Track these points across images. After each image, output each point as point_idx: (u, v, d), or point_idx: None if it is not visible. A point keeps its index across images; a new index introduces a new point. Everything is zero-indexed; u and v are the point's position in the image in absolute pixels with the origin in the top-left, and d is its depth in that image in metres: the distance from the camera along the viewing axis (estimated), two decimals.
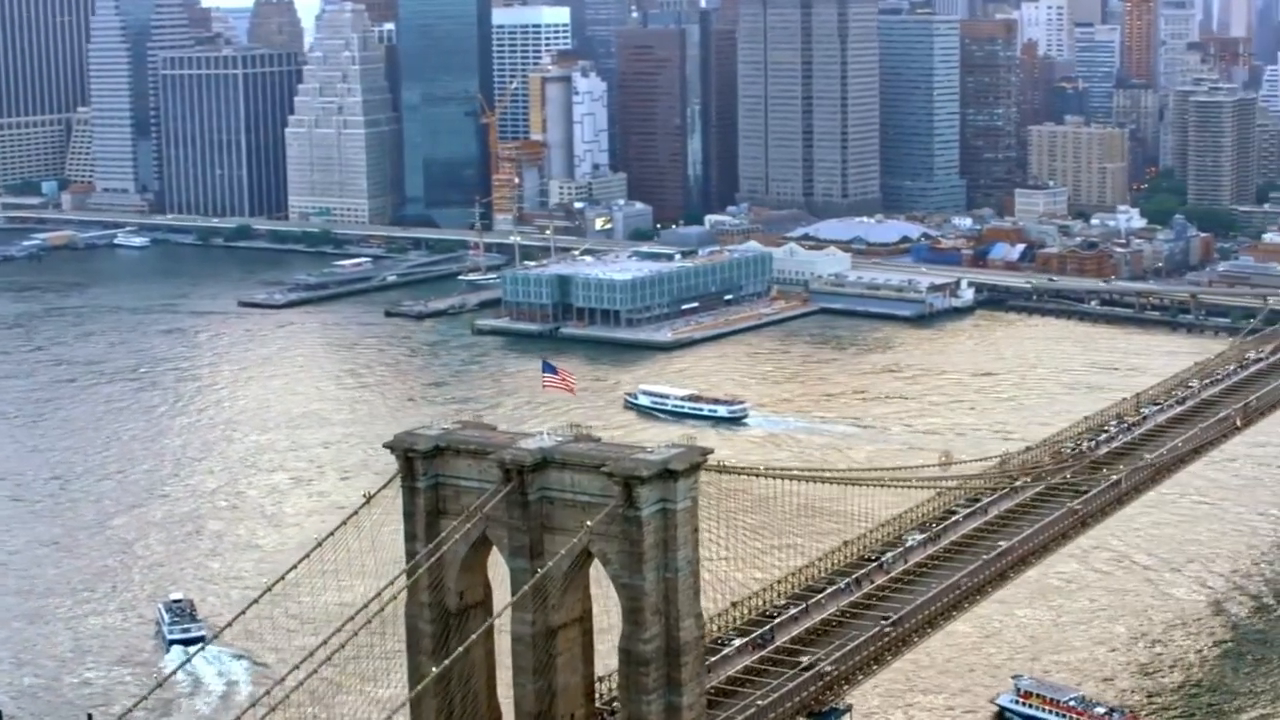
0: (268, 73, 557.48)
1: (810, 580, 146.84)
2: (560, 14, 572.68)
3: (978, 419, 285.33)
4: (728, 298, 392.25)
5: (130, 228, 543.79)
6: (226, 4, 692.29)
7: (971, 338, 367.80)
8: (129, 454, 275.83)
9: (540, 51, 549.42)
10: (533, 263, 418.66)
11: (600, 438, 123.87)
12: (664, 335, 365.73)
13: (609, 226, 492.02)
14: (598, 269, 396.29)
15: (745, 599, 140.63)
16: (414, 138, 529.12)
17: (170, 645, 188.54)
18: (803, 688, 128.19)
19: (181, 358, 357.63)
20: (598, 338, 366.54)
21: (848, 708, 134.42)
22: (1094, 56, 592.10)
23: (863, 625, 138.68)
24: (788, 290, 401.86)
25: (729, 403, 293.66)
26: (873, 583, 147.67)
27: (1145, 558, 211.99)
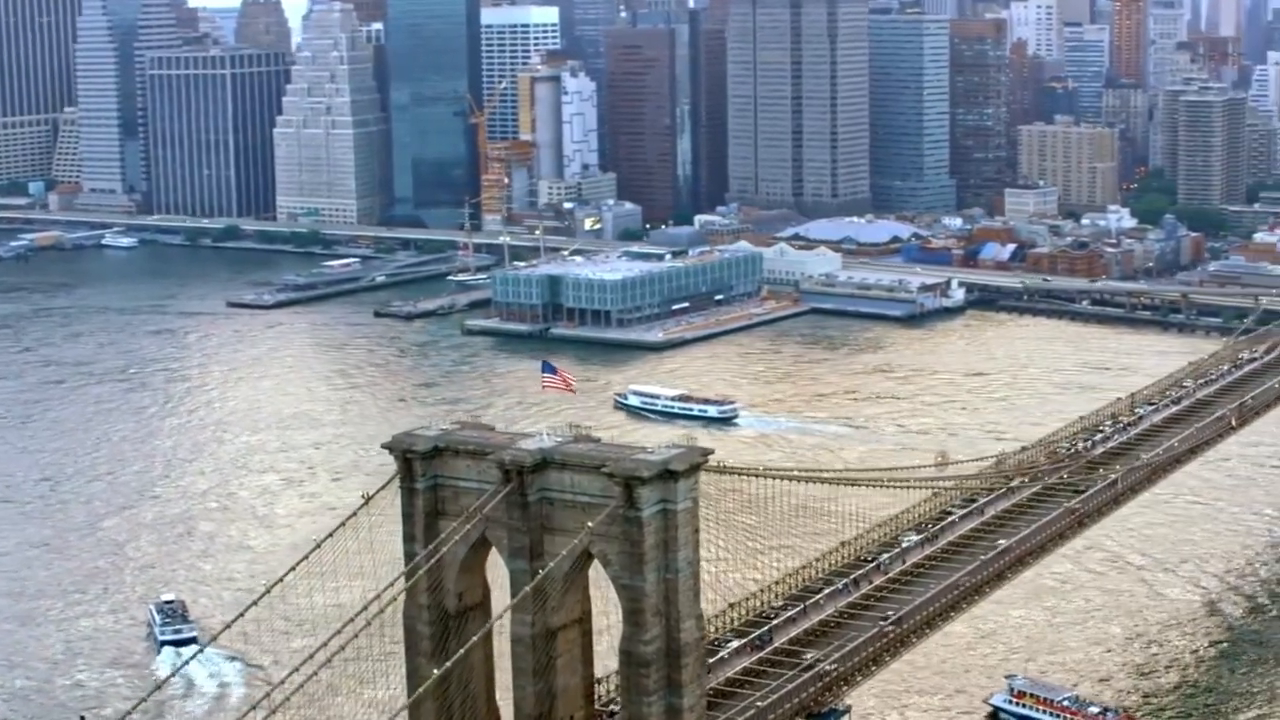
0: (255, 73, 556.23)
1: (807, 581, 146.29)
2: (549, 14, 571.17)
3: (970, 419, 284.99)
4: (718, 298, 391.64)
5: (118, 228, 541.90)
6: (213, 4, 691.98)
7: (962, 338, 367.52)
8: (119, 455, 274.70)
9: (529, 51, 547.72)
10: (522, 263, 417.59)
11: (600, 438, 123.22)
12: (655, 335, 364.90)
13: (598, 227, 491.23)
14: (588, 269, 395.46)
15: (742, 600, 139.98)
16: (402, 138, 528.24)
17: (162, 646, 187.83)
18: (802, 688, 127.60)
19: (171, 358, 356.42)
20: (588, 338, 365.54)
21: (847, 709, 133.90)
22: (1083, 56, 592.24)
23: (863, 625, 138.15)
24: (778, 290, 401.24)
25: (719, 403, 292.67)
26: (871, 583, 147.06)
27: (1139, 558, 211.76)
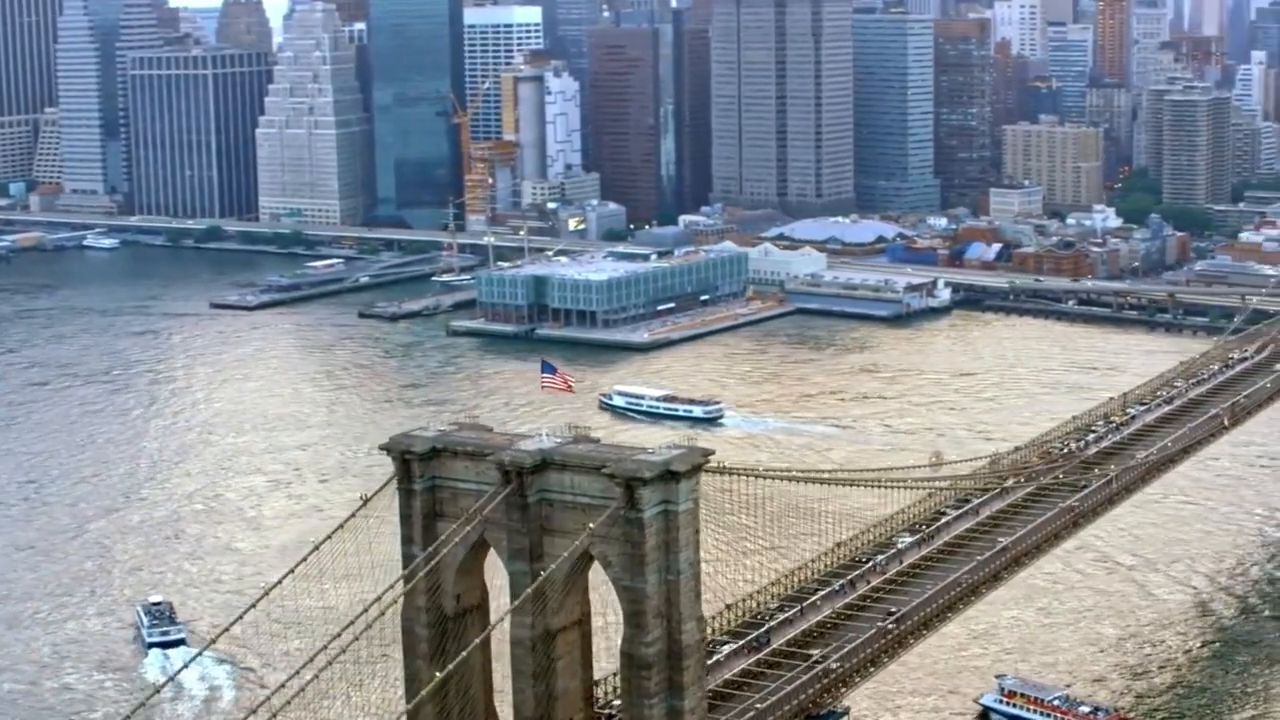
0: (237, 73, 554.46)
1: (803, 582, 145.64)
2: (532, 14, 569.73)
3: (957, 419, 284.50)
4: (704, 298, 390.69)
5: (99, 229, 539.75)
6: (195, 4, 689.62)
7: (949, 338, 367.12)
8: (105, 457, 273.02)
9: (512, 51, 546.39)
10: (506, 264, 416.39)
11: (600, 439, 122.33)
12: (640, 336, 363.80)
13: (582, 227, 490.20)
14: (573, 270, 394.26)
15: (739, 600, 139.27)
16: (385, 138, 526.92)
17: (149, 648, 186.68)
18: (802, 689, 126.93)
19: (155, 360, 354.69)
20: (574, 339, 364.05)
21: (846, 710, 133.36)
22: (1067, 55, 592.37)
23: (862, 625, 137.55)
24: (763, 291, 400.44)
25: (705, 403, 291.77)
26: (868, 583, 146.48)
27: (1130, 558, 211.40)
